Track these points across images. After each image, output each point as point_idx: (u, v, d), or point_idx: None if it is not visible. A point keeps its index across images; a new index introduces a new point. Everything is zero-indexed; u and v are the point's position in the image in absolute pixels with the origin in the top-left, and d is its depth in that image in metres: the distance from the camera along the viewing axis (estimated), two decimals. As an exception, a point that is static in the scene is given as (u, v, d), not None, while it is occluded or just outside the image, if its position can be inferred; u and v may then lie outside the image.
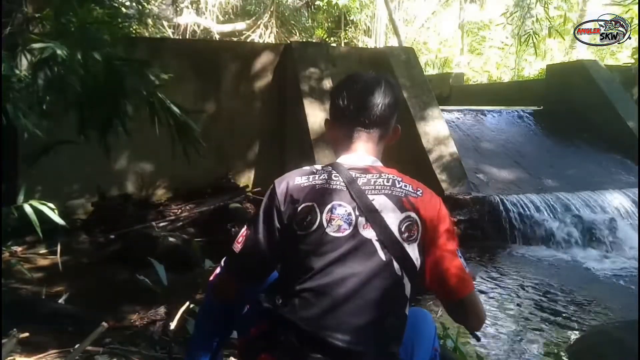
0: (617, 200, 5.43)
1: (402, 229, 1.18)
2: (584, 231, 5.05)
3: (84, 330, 2.12)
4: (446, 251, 1.22)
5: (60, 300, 3.01)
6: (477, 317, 1.26)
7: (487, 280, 4.12)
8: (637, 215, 5.25)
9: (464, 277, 1.22)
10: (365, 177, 1.24)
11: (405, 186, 1.23)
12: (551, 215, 5.14)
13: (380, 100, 1.28)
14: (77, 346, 1.98)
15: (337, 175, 1.24)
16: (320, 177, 1.24)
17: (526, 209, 5.14)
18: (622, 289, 4.05)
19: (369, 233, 1.18)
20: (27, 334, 2.30)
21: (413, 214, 1.20)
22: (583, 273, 4.42)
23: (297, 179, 1.25)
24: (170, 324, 2.29)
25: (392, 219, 1.19)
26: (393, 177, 1.25)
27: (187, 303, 2.37)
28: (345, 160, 1.29)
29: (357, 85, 1.30)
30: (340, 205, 1.20)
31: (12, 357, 2.01)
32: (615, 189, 5.66)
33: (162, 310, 2.79)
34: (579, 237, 5.03)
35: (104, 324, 1.98)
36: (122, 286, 3.63)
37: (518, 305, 3.64)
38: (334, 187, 1.22)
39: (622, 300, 3.73)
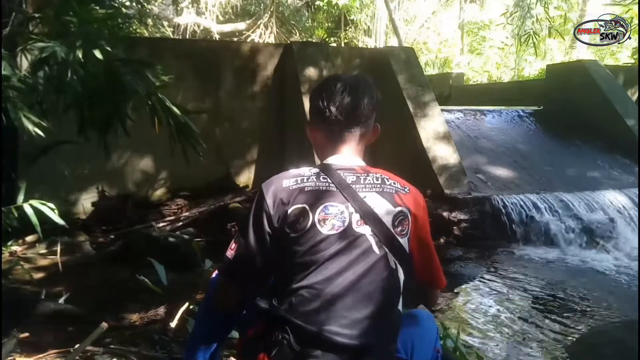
0: (617, 200, 5.43)
1: (396, 224, 1.23)
2: (584, 231, 5.05)
3: (84, 330, 2.12)
4: (431, 246, 1.35)
5: (60, 300, 3.01)
6: (436, 301, 1.50)
7: (487, 280, 4.12)
8: (637, 215, 5.25)
9: (441, 269, 1.39)
10: (354, 176, 1.26)
11: (394, 184, 1.29)
12: (551, 215, 5.13)
13: (359, 100, 1.31)
14: (77, 346, 1.98)
15: (326, 176, 1.26)
16: (309, 180, 1.26)
17: (526, 209, 5.14)
18: (622, 289, 4.05)
19: (364, 229, 1.21)
20: (27, 334, 2.31)
21: (405, 210, 1.25)
22: (583, 273, 4.41)
23: (284, 182, 1.26)
24: (170, 324, 2.29)
25: (386, 214, 1.23)
26: (381, 175, 1.29)
27: (187, 303, 2.37)
28: (332, 161, 1.31)
29: (336, 87, 1.31)
30: (332, 205, 1.22)
31: (12, 357, 2.01)
32: (615, 189, 5.66)
33: (162, 310, 2.79)
34: (579, 237, 5.03)
35: (104, 324, 1.98)
36: (122, 286, 3.63)
37: (518, 305, 3.64)
38: (325, 188, 1.24)
39: (622, 300, 3.73)
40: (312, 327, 1.15)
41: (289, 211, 1.21)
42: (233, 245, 1.29)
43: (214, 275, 1.46)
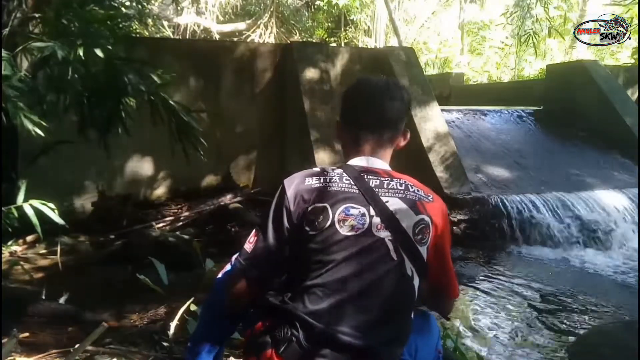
0: (617, 200, 5.43)
1: (416, 231, 1.21)
2: (584, 231, 5.05)
3: (84, 330, 2.12)
4: (448, 255, 1.32)
5: (60, 301, 3.01)
6: (451, 310, 1.46)
7: (487, 281, 4.12)
8: (637, 215, 5.24)
9: (456, 279, 1.37)
10: (377, 179, 1.25)
11: (418, 191, 1.27)
12: (551, 215, 5.13)
13: (389, 103, 1.31)
14: (77, 346, 1.98)
15: (349, 178, 1.25)
16: (332, 180, 1.25)
17: (526, 209, 5.14)
18: (622, 288, 4.06)
19: (383, 233, 1.20)
20: (27, 334, 2.31)
21: (427, 218, 1.23)
22: (583, 273, 4.42)
23: (307, 180, 1.26)
24: (170, 324, 2.29)
25: (407, 221, 1.21)
26: (405, 181, 1.28)
27: (187, 303, 2.37)
28: (356, 162, 1.30)
29: (367, 89, 1.33)
30: (353, 207, 1.21)
31: (12, 357, 2.01)
32: (615, 189, 5.66)
33: (162, 310, 2.79)
34: (579, 237, 5.03)
35: (104, 324, 1.98)
36: (122, 286, 3.63)
37: (518, 305, 3.64)
38: (346, 189, 1.23)
39: (622, 300, 3.73)
40: (322, 326, 1.15)
41: (309, 209, 1.21)
42: (252, 238, 1.29)
43: (219, 275, 1.46)
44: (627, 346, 2.47)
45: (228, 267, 1.44)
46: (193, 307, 2.30)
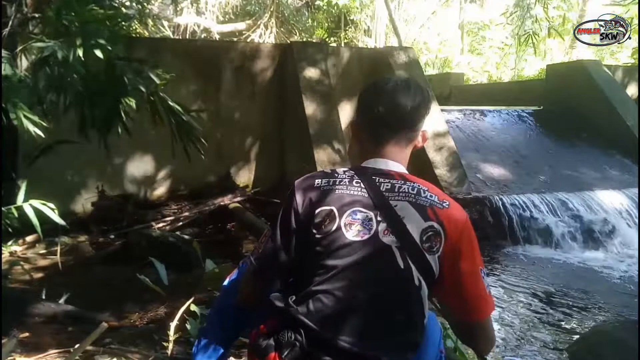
0: (617, 200, 5.43)
1: (424, 239, 1.15)
2: (584, 231, 5.06)
3: (84, 330, 2.12)
4: (470, 269, 1.19)
5: (60, 301, 3.01)
6: (488, 342, 1.28)
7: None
8: (637, 215, 5.24)
9: (486, 299, 1.21)
10: (389, 183, 1.21)
11: (431, 196, 1.20)
12: (551, 216, 5.14)
13: (408, 103, 1.26)
14: (77, 346, 1.98)
15: (359, 180, 1.22)
16: (342, 182, 1.22)
17: (526, 209, 5.14)
18: (622, 289, 4.06)
19: (389, 239, 1.15)
20: (27, 334, 2.31)
21: (436, 225, 1.16)
22: (583, 273, 4.42)
23: (317, 181, 1.23)
24: (170, 324, 2.29)
25: (414, 227, 1.16)
26: (419, 185, 1.22)
27: (187, 303, 2.37)
28: (369, 164, 1.27)
29: (386, 88, 1.28)
30: (360, 210, 1.17)
31: (12, 357, 2.01)
32: (615, 189, 5.67)
33: (162, 310, 2.79)
34: (579, 237, 5.03)
35: (104, 324, 1.98)
36: (122, 286, 3.62)
37: (517, 305, 3.65)
38: (355, 192, 1.20)
39: (622, 300, 3.74)
40: (326, 333, 1.12)
41: (317, 211, 1.18)
42: (264, 238, 1.28)
43: (225, 282, 1.46)
44: (627, 346, 2.47)
45: (235, 273, 1.44)
46: (193, 307, 2.30)
